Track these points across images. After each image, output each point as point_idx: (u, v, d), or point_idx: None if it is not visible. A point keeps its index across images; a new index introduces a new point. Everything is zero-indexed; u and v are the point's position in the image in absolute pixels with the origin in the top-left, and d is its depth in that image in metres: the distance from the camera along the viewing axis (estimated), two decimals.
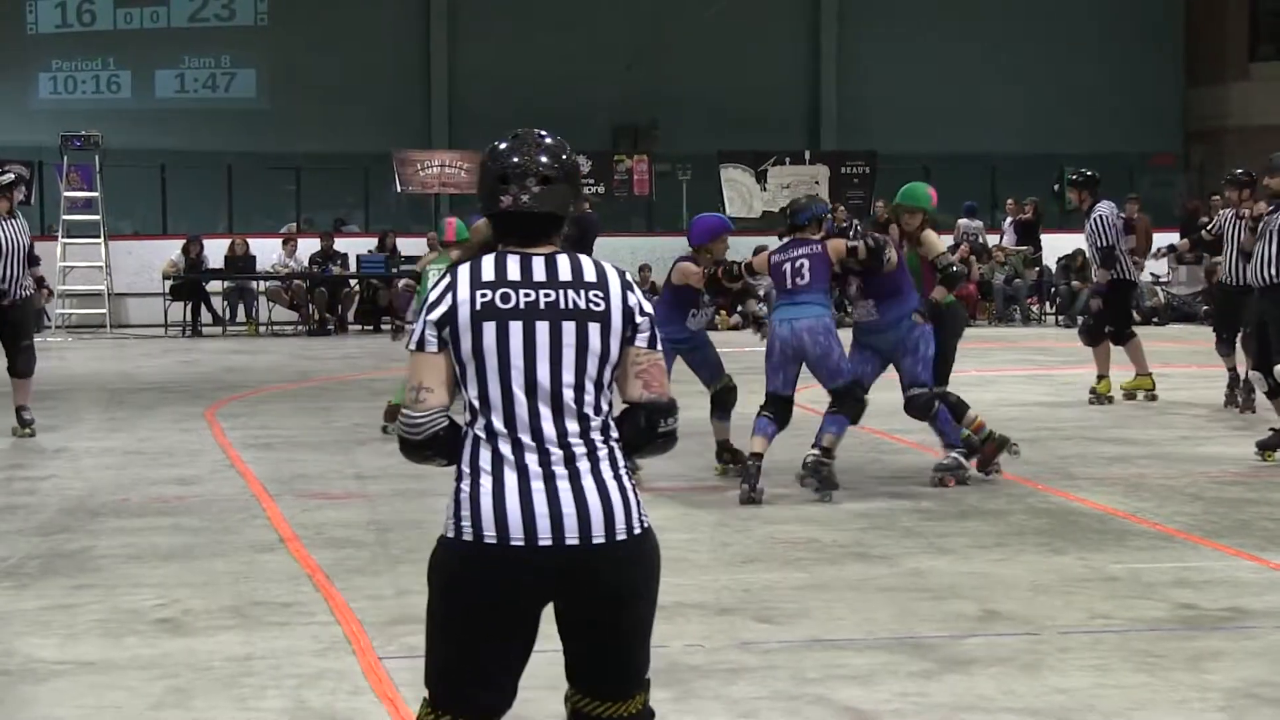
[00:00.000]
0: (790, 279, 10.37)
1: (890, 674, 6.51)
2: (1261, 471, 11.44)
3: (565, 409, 3.98)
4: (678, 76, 33.70)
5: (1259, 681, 6.43)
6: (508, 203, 4.07)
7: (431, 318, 4.02)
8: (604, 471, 3.99)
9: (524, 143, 4.14)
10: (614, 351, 4.05)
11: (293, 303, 26.25)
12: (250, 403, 15.99)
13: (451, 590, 4.00)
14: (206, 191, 28.92)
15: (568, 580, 3.96)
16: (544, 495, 3.93)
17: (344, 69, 33.16)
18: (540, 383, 3.97)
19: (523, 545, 3.91)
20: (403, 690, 6.32)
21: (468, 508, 3.97)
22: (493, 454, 3.97)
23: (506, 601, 3.97)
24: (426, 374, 4.03)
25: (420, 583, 8.08)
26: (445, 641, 4.03)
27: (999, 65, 34.78)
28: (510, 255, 4.07)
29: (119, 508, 10.31)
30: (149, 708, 6.16)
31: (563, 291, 4.02)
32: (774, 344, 10.41)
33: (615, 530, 3.96)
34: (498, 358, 3.97)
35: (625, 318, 4.06)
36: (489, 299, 3.99)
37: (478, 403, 4.00)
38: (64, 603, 7.80)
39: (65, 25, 34.04)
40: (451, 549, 4.00)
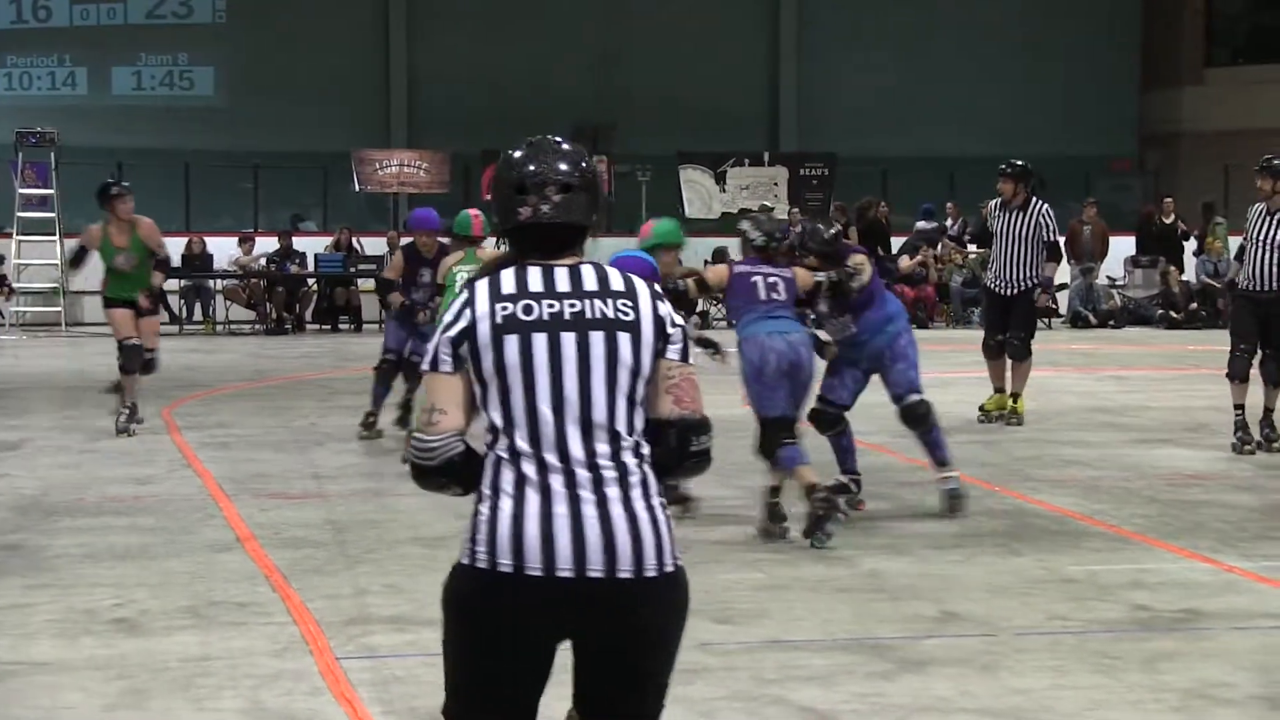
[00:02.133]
0: (766, 293, 9.27)
1: (848, 674, 6.53)
2: (1216, 474, 11.50)
3: (595, 426, 3.69)
4: (637, 77, 33.74)
5: (1213, 682, 6.47)
6: (526, 214, 3.80)
7: (448, 335, 3.74)
8: (635, 500, 3.70)
9: (540, 150, 3.87)
10: (646, 364, 3.75)
11: (250, 301, 26.18)
12: (207, 402, 15.95)
13: (466, 619, 3.77)
14: (164, 190, 28.77)
15: (588, 614, 3.68)
16: (567, 522, 3.65)
17: (303, 68, 33.12)
18: (568, 397, 3.69)
19: (540, 575, 3.64)
20: (360, 690, 6.31)
21: (484, 532, 3.69)
22: (516, 475, 3.69)
23: (522, 633, 3.71)
24: (441, 395, 3.76)
25: (379, 583, 8.12)
26: (461, 668, 3.82)
27: (958, 69, 34.88)
28: (531, 267, 3.80)
29: (74, 507, 10.27)
30: (104, 709, 6.14)
31: (589, 301, 3.74)
32: (767, 359, 9.06)
33: (645, 566, 3.68)
34: (521, 372, 3.69)
35: (656, 328, 3.77)
36: (510, 312, 3.71)
37: (501, 422, 3.71)
38: (18, 602, 7.77)
39: (20, 21, 33.88)
40: (466, 576, 3.75)
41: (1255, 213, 12.52)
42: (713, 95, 33.68)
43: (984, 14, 35.00)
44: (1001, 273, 14.11)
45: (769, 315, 9.20)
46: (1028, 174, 14.17)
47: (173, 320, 25.78)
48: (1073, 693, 6.33)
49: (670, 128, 31.95)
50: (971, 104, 34.69)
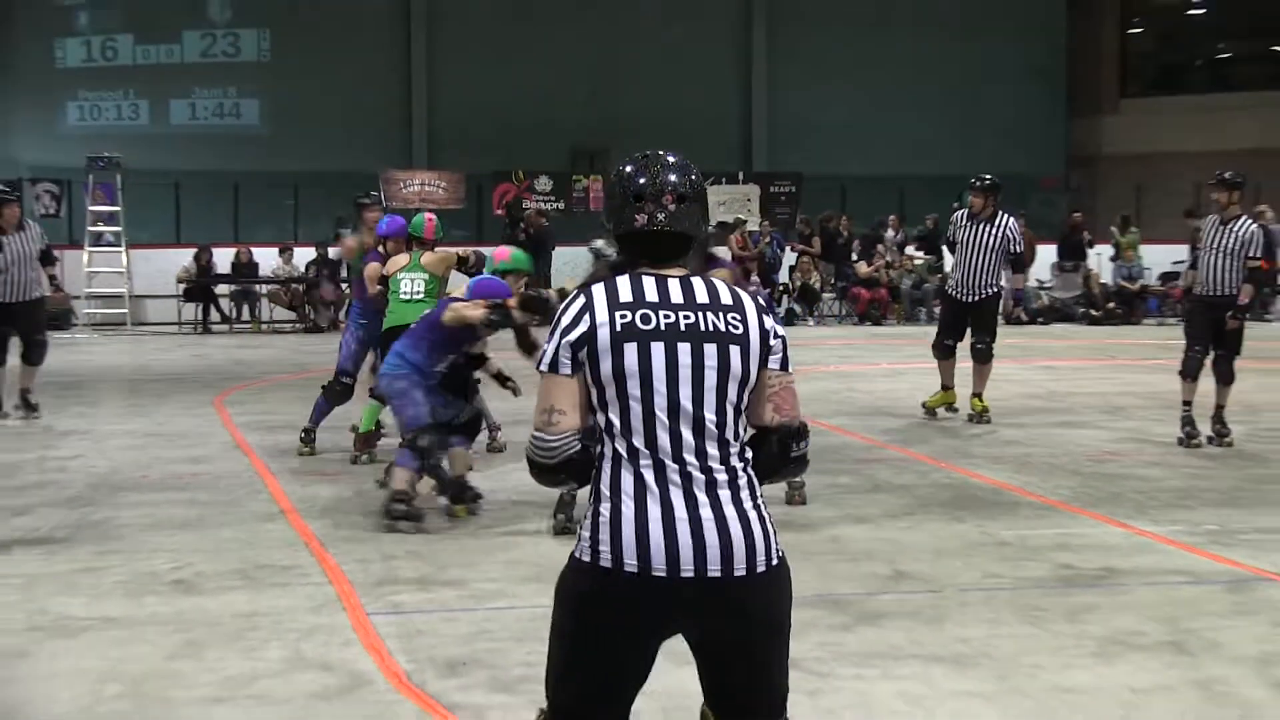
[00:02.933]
0: None
1: (812, 627, 6.53)
2: (1130, 452, 11.52)
3: (707, 433, 3.47)
4: (627, 106, 33.71)
5: (1127, 631, 6.49)
6: (642, 221, 3.58)
7: (568, 339, 3.48)
8: (744, 500, 3.49)
9: (654, 163, 3.66)
10: (753, 375, 3.53)
11: (291, 304, 26.16)
12: (254, 391, 15.94)
13: (583, 613, 3.51)
14: (215, 206, 28.82)
15: (707, 611, 3.47)
16: (688, 525, 3.42)
17: (336, 99, 33.08)
18: (683, 405, 3.46)
19: (665, 576, 3.41)
20: (387, 642, 6.32)
21: (607, 532, 3.44)
22: (635, 478, 3.45)
23: (639, 629, 3.49)
24: (560, 396, 3.50)
25: (403, 549, 8.11)
26: (570, 660, 3.55)
27: (908, 99, 34.87)
28: (645, 276, 3.57)
29: (139, 483, 10.28)
30: (166, 658, 6.15)
31: (701, 314, 3.52)
32: None
33: (756, 562, 3.47)
34: (640, 379, 3.45)
35: (762, 341, 3.54)
36: (629, 320, 3.47)
37: (618, 424, 3.47)
38: (91, 566, 7.78)
39: (90, 60, 33.89)
40: (588, 572, 3.47)
41: (1209, 224, 11.97)
42: (693, 122, 33.64)
43: (931, 51, 34.98)
44: (965, 280, 13.24)
45: None
46: (997, 188, 13.31)
47: (223, 320, 25.80)
48: (1007, 640, 6.35)
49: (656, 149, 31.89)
50: (920, 130, 34.68)
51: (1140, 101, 36.41)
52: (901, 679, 5.82)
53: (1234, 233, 11.60)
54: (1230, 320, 11.63)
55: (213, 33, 34.30)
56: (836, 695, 5.61)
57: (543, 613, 6.68)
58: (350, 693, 5.68)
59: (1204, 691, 5.69)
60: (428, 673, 5.90)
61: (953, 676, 5.87)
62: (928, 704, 5.53)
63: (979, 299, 13.25)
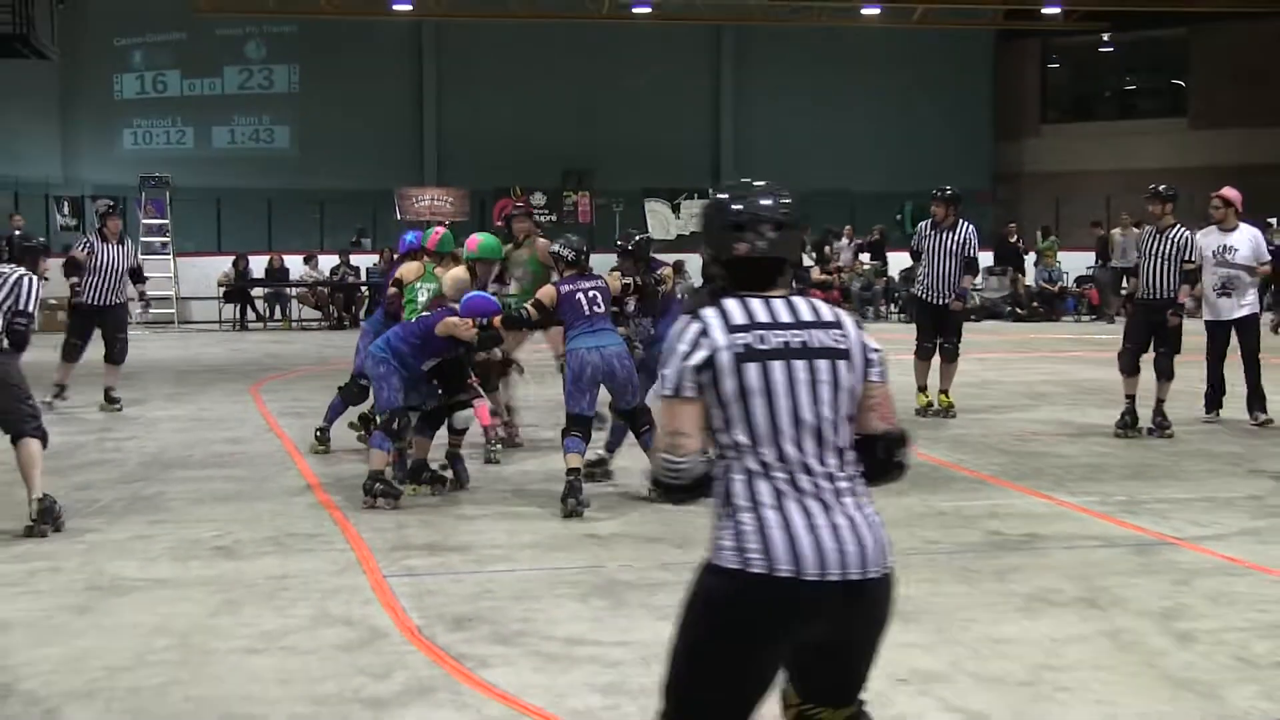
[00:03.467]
0: (588, 307, 8.59)
1: None
2: (1050, 433, 11.52)
3: (828, 444, 3.27)
4: (611, 130, 33.69)
5: (1049, 589, 6.49)
6: (744, 249, 3.34)
7: (690, 364, 3.24)
8: (865, 506, 3.32)
9: (752, 191, 3.42)
10: (858, 387, 3.34)
11: (317, 304, 26.11)
12: (285, 381, 15.91)
13: (729, 618, 3.21)
14: (252, 220, 28.77)
15: (843, 611, 3.25)
16: (829, 531, 3.22)
17: (357, 125, 33.07)
18: (805, 419, 3.24)
19: (816, 579, 3.19)
20: (402, 601, 6.30)
21: (756, 540, 3.19)
22: (771, 489, 3.22)
23: (784, 632, 3.23)
24: (684, 420, 3.26)
25: (415, 518, 8.09)
26: (708, 667, 3.24)
27: (857, 122, 34.89)
28: (752, 299, 3.32)
29: (185, 461, 10.24)
30: (208, 614, 6.13)
31: (810, 332, 3.29)
32: (584, 370, 8.44)
33: (885, 563, 3.32)
34: (765, 397, 3.23)
35: (863, 355, 3.35)
36: (747, 341, 3.25)
37: (747, 440, 3.24)
38: (143, 534, 7.75)
39: (143, 93, 33.86)
40: (736, 579, 3.20)
41: (1147, 233, 11.55)
42: (668, 144, 33.65)
43: (877, 81, 34.99)
44: (934, 285, 12.49)
45: (591, 330, 8.57)
46: (958, 199, 12.64)
47: (258, 319, 25.76)
48: (944, 598, 6.35)
49: (637, 169, 31.90)
50: (866, 151, 34.70)
51: (1058, 127, 36.52)
52: None
53: (1170, 239, 11.23)
54: (1170, 317, 11.20)
55: (249, 68, 34.27)
56: None
57: (538, 574, 6.71)
58: (369, 644, 5.66)
59: (1113, 641, 5.69)
60: (437, 627, 5.88)
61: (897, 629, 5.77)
62: None
63: (947, 301, 12.52)
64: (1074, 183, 33.32)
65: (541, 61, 33.51)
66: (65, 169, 32.10)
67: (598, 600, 6.30)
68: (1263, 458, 10.22)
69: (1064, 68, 37.83)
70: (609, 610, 6.12)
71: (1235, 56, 33.32)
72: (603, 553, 7.26)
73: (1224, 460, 10.12)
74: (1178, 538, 7.59)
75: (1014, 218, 30.59)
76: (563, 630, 5.81)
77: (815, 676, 3.37)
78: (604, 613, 6.09)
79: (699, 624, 3.26)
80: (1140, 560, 7.10)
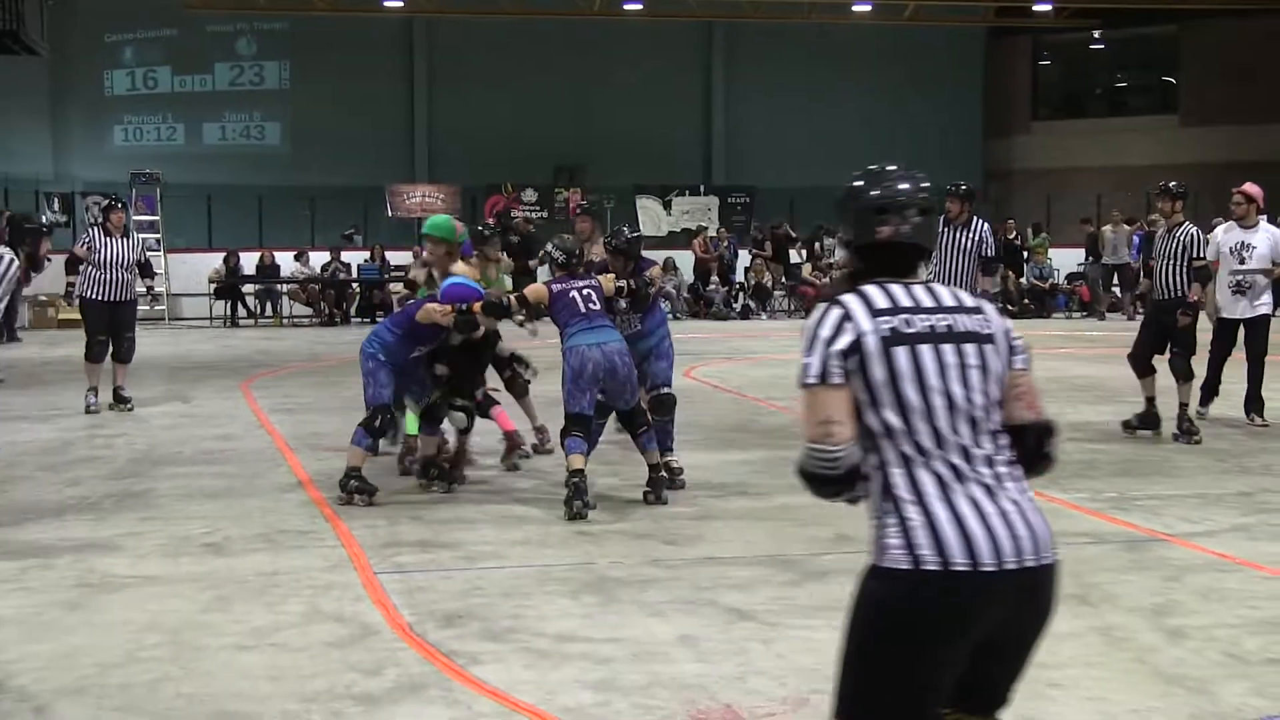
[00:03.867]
0: (584, 305, 8.41)
1: (765, 583, 6.53)
2: None
3: (983, 429, 3.11)
4: (603, 127, 33.70)
5: None
6: (886, 234, 3.22)
7: (837, 349, 3.08)
8: (1028, 492, 3.15)
9: (890, 176, 3.32)
10: (1004, 372, 3.19)
11: (308, 300, 26.08)
12: (276, 378, 15.89)
13: (904, 623, 3.01)
14: (242, 216, 28.74)
15: (1018, 601, 3.06)
16: (999, 517, 3.03)
17: (347, 122, 33.04)
18: (959, 404, 3.08)
19: (993, 569, 2.99)
20: (393, 597, 6.29)
21: (925, 534, 3.00)
22: (933, 478, 3.05)
23: (965, 629, 3.02)
24: (835, 407, 3.09)
25: (406, 515, 8.07)
26: (881, 679, 3.04)
27: (848, 120, 34.91)
28: (891, 284, 3.18)
29: (175, 458, 10.23)
30: (199, 611, 6.12)
31: (954, 316, 3.15)
32: (585, 367, 8.20)
33: (1054, 550, 3.13)
34: (917, 381, 3.07)
35: (1006, 340, 3.21)
36: (892, 325, 3.10)
37: (901, 426, 3.07)
38: (134, 531, 7.74)
39: (134, 89, 33.81)
40: (908, 580, 3.00)
41: (1159, 234, 11.22)
42: (660, 141, 33.66)
43: (869, 77, 35.04)
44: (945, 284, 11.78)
45: (590, 326, 8.35)
46: (972, 195, 12.07)
47: (249, 315, 25.72)
48: None
49: (628, 166, 31.92)
50: (857, 148, 34.56)
51: (1048, 124, 36.59)
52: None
53: (1176, 238, 10.98)
54: (1180, 316, 10.85)
55: (240, 65, 34.23)
56: (787, 642, 5.60)
57: (529, 571, 6.71)
58: (360, 641, 5.65)
59: (1105, 637, 5.70)
60: (428, 624, 5.87)
61: None
62: None
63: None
64: (1065, 179, 33.37)
65: (533, 58, 33.49)
66: (56, 165, 32.05)
67: (588, 597, 6.30)
68: (1251, 454, 10.23)
69: (1055, 65, 37.89)
70: (600, 607, 6.12)
71: (1225, 54, 33.38)
72: (593, 549, 7.26)
73: (1214, 456, 10.13)
74: (1169, 534, 7.60)
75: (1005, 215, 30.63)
76: (553, 627, 5.81)
77: (973, 677, 3.12)
78: (595, 609, 6.08)
79: (872, 632, 3.06)
80: (1131, 557, 7.11)
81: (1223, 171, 27.00)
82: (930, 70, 35.32)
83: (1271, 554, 7.12)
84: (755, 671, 5.23)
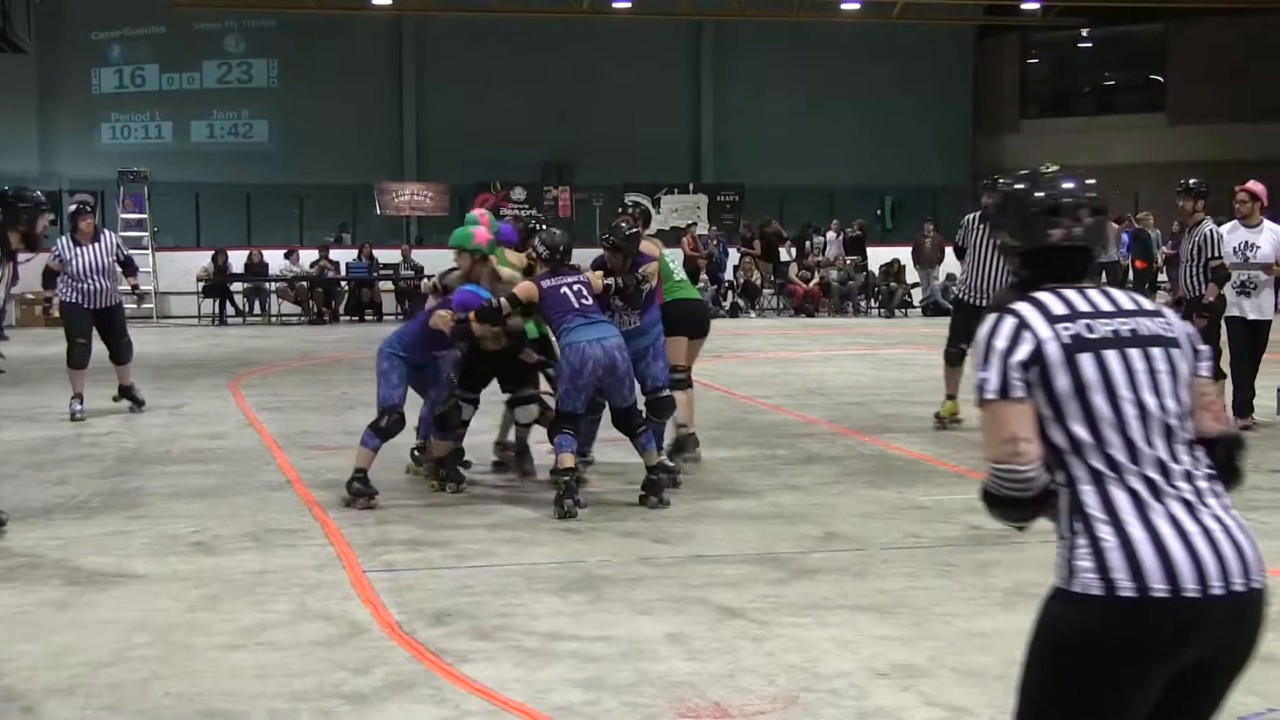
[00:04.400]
0: (576, 300, 8.15)
1: (754, 580, 6.53)
2: None
3: (1178, 440, 2.86)
4: (592, 125, 33.70)
5: (1027, 583, 6.49)
6: (1059, 236, 2.99)
7: (1016, 360, 2.86)
8: (1232, 509, 2.87)
9: (1054, 176, 3.07)
10: (1191, 379, 2.94)
11: (297, 299, 26.03)
12: (264, 376, 15.86)
13: (1095, 654, 2.75)
14: (231, 214, 28.70)
15: (1224, 630, 2.78)
16: (1202, 537, 2.77)
17: (336, 120, 33.03)
18: (1152, 413, 2.84)
19: (1197, 595, 2.73)
20: (382, 596, 6.28)
21: (1120, 556, 2.74)
22: (1128, 494, 2.80)
23: (1159, 663, 2.76)
24: (1020, 423, 2.84)
25: (395, 514, 8.06)
26: (1068, 711, 2.81)
27: (837, 119, 34.96)
28: (1064, 289, 2.95)
29: (163, 457, 10.21)
30: (187, 609, 6.11)
31: (1135, 320, 2.91)
32: (585, 365, 7.96)
33: (1263, 573, 2.82)
34: (1105, 390, 2.83)
35: (1191, 345, 2.97)
36: (1074, 331, 2.86)
37: (1091, 440, 2.82)
38: (121, 529, 7.72)
39: (122, 87, 33.78)
40: (1101, 606, 2.75)
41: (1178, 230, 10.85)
42: (649, 139, 33.67)
43: (858, 77, 35.09)
44: (976, 284, 11.22)
45: (589, 322, 8.09)
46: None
47: (237, 313, 25.68)
48: (923, 592, 6.36)
49: (618, 164, 31.89)
50: (845, 146, 34.76)
51: (1036, 122, 36.65)
52: (832, 625, 5.82)
53: (1193, 238, 10.86)
54: (1196, 319, 10.45)
55: (228, 63, 34.20)
56: (776, 640, 5.61)
57: (518, 569, 6.70)
58: (349, 640, 5.65)
59: None
60: (417, 623, 5.87)
61: (877, 623, 5.87)
62: (854, 647, 5.53)
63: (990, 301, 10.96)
64: None
65: (522, 56, 33.49)
66: (42, 163, 31.97)
67: (577, 595, 6.30)
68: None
69: (1043, 63, 37.96)
70: (589, 605, 6.12)
71: (1213, 52, 33.45)
72: (582, 548, 7.26)
73: None
74: None
75: None
76: (542, 625, 5.81)
77: (1167, 712, 2.86)
78: (584, 607, 6.08)
79: (1057, 661, 2.83)
80: None
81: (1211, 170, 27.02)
82: (918, 69, 35.36)
83: None
84: (744, 669, 5.24)
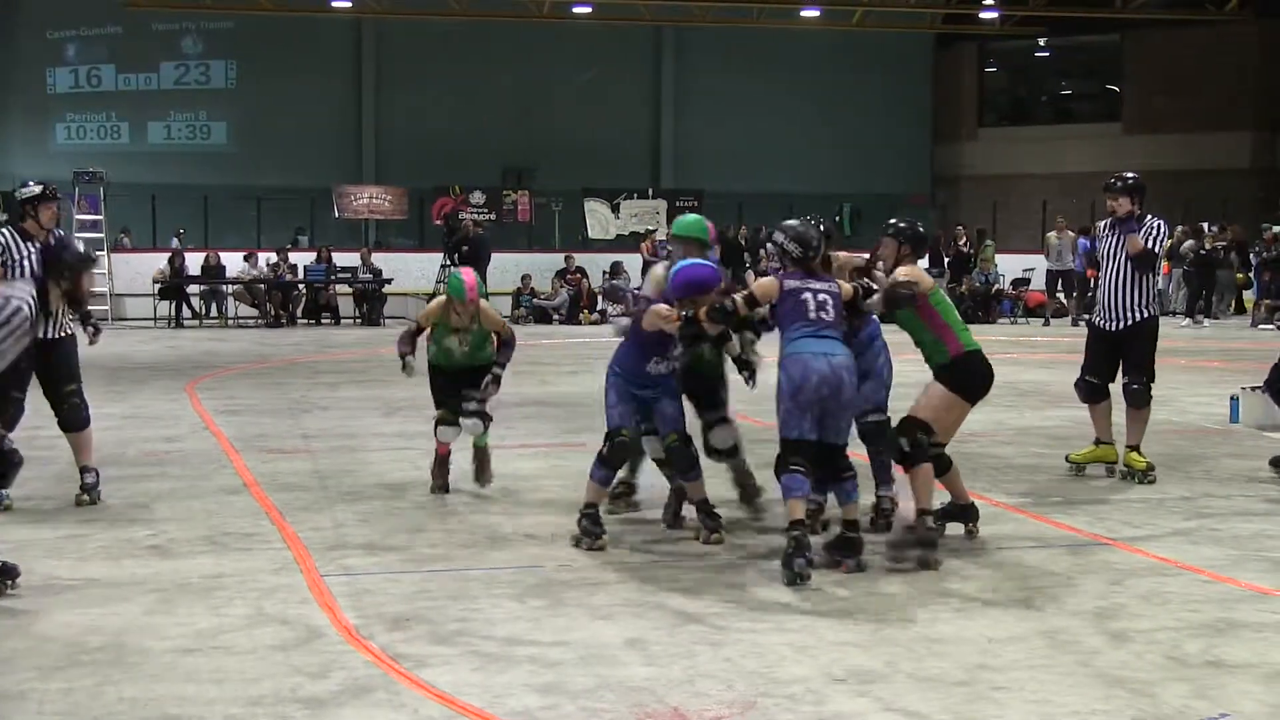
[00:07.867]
0: (815, 311, 6.97)
1: (712, 585, 6.53)
2: (988, 433, 11.58)
3: None
4: (551, 130, 33.72)
5: (985, 588, 6.53)
6: None
7: None
8: None
9: None
10: None
11: (254, 302, 25.92)
12: (221, 379, 15.77)
13: None
14: (187, 216, 28.58)
15: None
16: None
17: (294, 122, 32.95)
18: None
19: None
20: (339, 600, 6.26)
21: None
22: None
23: None
24: None
25: (353, 518, 8.03)
26: None
27: (795, 126, 35.09)
28: None
29: (119, 459, 10.13)
30: (143, 613, 6.06)
31: None
32: (808, 379, 6.81)
33: None
34: None
35: None
36: None
37: None
38: (76, 533, 7.67)
39: (77, 86, 33.60)
40: None
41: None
42: (609, 144, 33.73)
43: (816, 85, 35.24)
44: (1109, 303, 9.59)
45: (817, 334, 6.94)
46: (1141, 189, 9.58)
47: (194, 316, 25.55)
48: (881, 597, 6.37)
49: (577, 168, 31.93)
50: (805, 153, 34.89)
51: (995, 130, 36.90)
52: (790, 630, 5.83)
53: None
54: None
55: (186, 63, 34.06)
56: (735, 645, 5.61)
57: (476, 574, 6.69)
58: (306, 644, 5.62)
59: (1050, 640, 5.74)
60: (375, 627, 5.85)
61: (835, 629, 5.88)
62: (812, 652, 5.53)
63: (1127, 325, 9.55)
64: (1010, 186, 33.65)
65: (481, 60, 33.47)
66: None
67: (535, 600, 6.29)
68: (1193, 460, 10.33)
69: (1001, 72, 38.21)
70: (547, 610, 6.11)
71: (1168, 63, 33.77)
72: (540, 553, 7.25)
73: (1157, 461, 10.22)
74: (1112, 538, 7.66)
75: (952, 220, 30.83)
76: (501, 630, 5.80)
77: None
78: (542, 612, 6.07)
79: None
80: (1075, 560, 7.16)
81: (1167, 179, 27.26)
82: (878, 76, 35.53)
83: (1212, 558, 7.19)
84: (703, 674, 5.24)
